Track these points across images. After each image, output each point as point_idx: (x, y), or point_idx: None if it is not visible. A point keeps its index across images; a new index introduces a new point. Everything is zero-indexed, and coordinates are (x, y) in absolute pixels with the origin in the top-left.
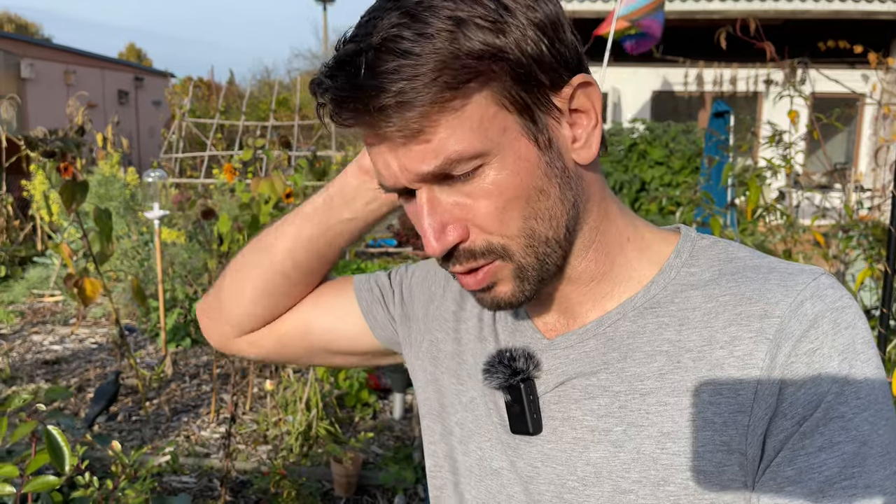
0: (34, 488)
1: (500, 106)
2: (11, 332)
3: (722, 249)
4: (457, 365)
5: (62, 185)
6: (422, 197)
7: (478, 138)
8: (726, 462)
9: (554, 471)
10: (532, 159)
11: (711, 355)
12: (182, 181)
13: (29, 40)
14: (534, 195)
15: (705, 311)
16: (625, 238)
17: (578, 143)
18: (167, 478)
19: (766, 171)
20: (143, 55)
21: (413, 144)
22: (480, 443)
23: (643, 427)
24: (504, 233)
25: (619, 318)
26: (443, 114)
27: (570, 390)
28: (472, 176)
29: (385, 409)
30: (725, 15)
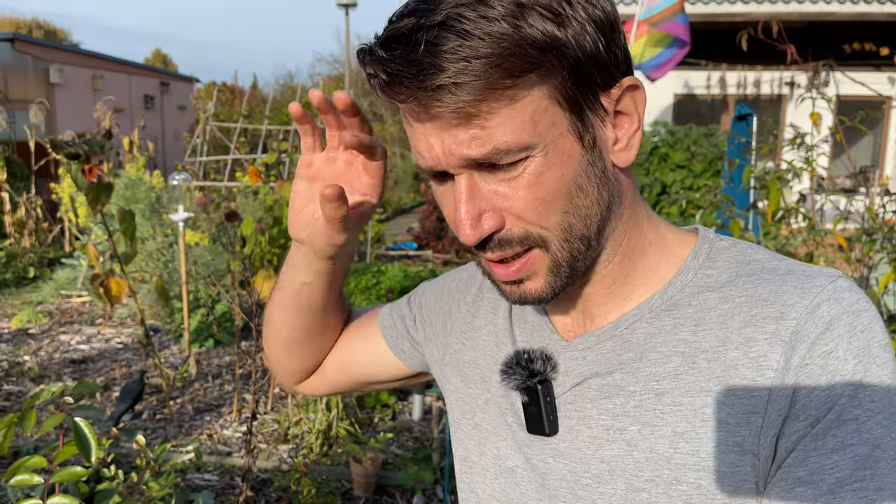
0: (62, 479)
1: (552, 100)
2: (40, 331)
3: (740, 251)
4: (473, 371)
5: (87, 187)
6: (461, 183)
7: (527, 131)
8: (739, 463)
9: (567, 467)
10: (575, 157)
11: (726, 356)
12: (206, 184)
13: (57, 46)
14: (574, 191)
15: (721, 313)
16: (648, 241)
17: (619, 144)
18: (190, 475)
19: (787, 173)
20: (169, 60)
21: (464, 128)
22: (496, 442)
23: (657, 427)
24: (542, 224)
25: (637, 319)
26: (498, 101)
27: (586, 390)
28: (515, 166)
29: (404, 410)
30: (748, 17)
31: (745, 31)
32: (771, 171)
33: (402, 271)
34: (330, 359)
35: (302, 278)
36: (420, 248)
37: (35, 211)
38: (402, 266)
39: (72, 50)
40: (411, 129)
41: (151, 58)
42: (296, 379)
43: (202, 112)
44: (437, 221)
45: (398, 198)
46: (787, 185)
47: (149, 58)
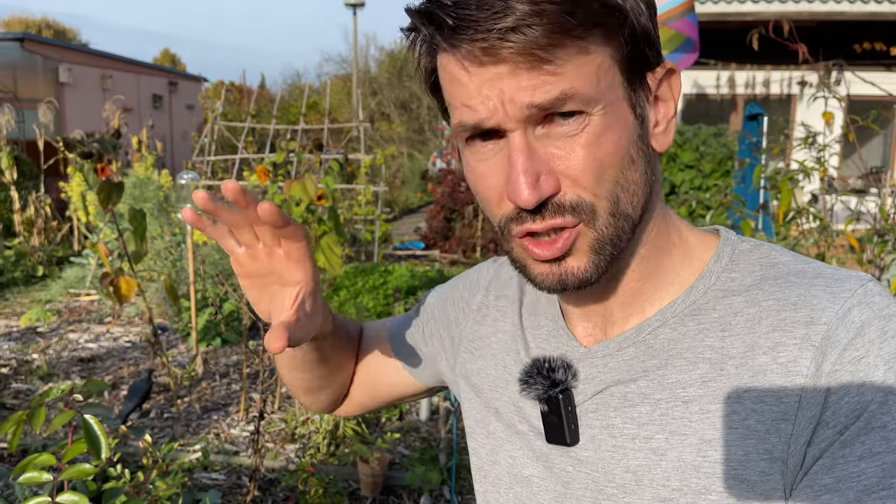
0: (70, 476)
1: (614, 61)
2: (49, 330)
3: (764, 254)
4: (482, 380)
5: (99, 186)
6: (515, 139)
7: (592, 84)
8: (769, 471)
9: (591, 477)
10: (630, 125)
11: (754, 361)
12: (214, 183)
13: (67, 46)
14: (626, 161)
15: (748, 317)
16: (672, 241)
17: (659, 127)
18: (197, 474)
19: (798, 173)
20: (178, 60)
21: (531, 73)
22: (511, 451)
23: (686, 435)
24: (596, 191)
25: (660, 325)
26: (570, 48)
27: (609, 398)
28: (574, 123)
29: (411, 410)
30: (758, 17)
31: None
32: (782, 171)
33: (409, 271)
34: (354, 386)
35: (293, 353)
36: (427, 248)
37: (44, 210)
38: (409, 266)
39: (81, 49)
40: (462, 83)
41: (160, 57)
42: (328, 409)
43: (210, 111)
44: (444, 221)
45: (405, 197)
46: (797, 186)
47: (157, 57)
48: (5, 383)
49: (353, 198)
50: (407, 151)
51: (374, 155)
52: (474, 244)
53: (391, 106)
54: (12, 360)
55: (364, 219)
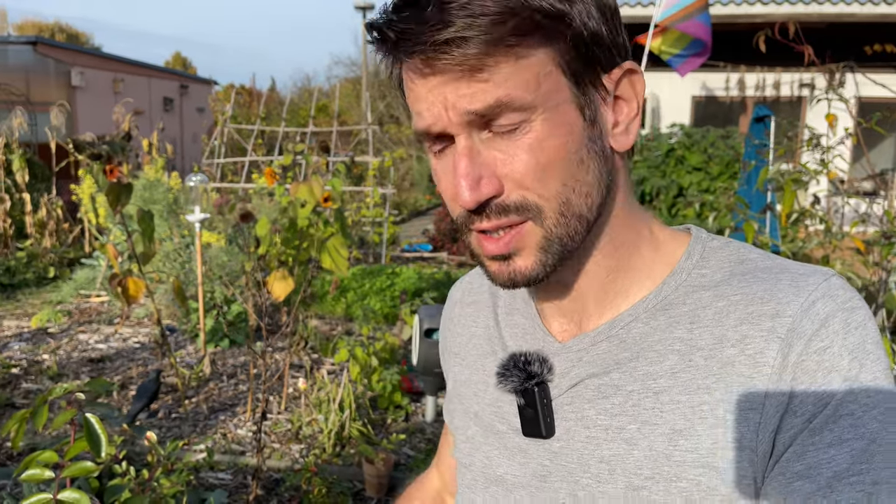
0: (72, 473)
1: (556, 66)
2: (59, 330)
3: (733, 251)
4: (464, 387)
5: (108, 187)
6: (460, 143)
7: (530, 90)
8: (738, 459)
9: (566, 469)
10: (577, 128)
11: (722, 353)
12: (223, 186)
13: (79, 49)
14: (574, 162)
15: (716, 310)
16: (640, 236)
17: (619, 128)
18: (204, 473)
19: (803, 175)
20: (189, 63)
21: (468, 81)
22: (488, 452)
23: (656, 425)
24: (541, 192)
25: (632, 319)
26: (504, 56)
27: (584, 391)
28: (515, 130)
29: (417, 411)
30: (768, 18)
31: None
32: (786, 172)
33: (417, 273)
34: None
35: None
36: (435, 250)
37: (56, 212)
38: (416, 268)
39: (93, 53)
40: (414, 91)
41: (171, 61)
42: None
43: (220, 114)
44: (452, 223)
45: (413, 200)
46: (802, 188)
47: (168, 61)
48: (16, 383)
49: (361, 200)
50: (416, 154)
51: (382, 157)
52: None
53: (400, 108)
54: (23, 360)
55: (372, 221)
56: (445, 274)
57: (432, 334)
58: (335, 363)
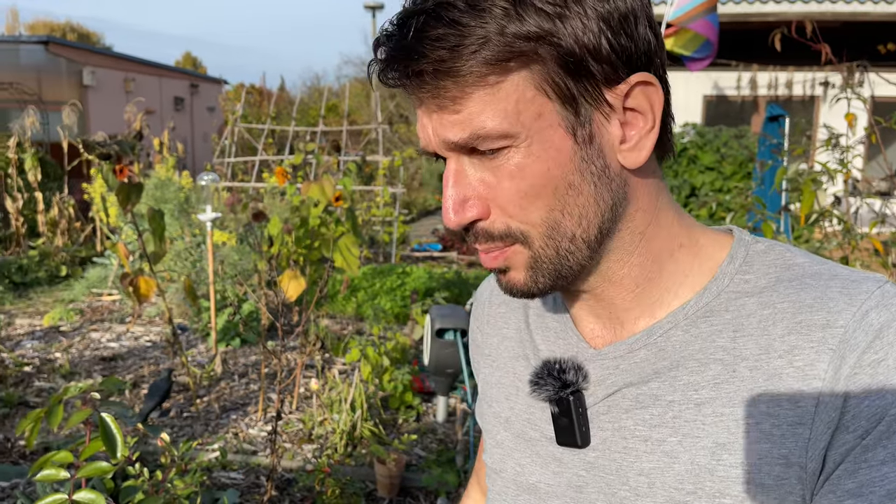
0: (88, 473)
1: (539, 90)
2: (71, 329)
3: (778, 255)
4: (495, 389)
5: (118, 187)
6: (450, 166)
7: (508, 119)
8: (784, 475)
9: (603, 480)
10: (565, 151)
11: (769, 365)
12: (234, 185)
13: (91, 49)
14: (562, 188)
15: (761, 318)
16: (677, 244)
17: (627, 144)
18: (216, 473)
19: (821, 175)
20: (199, 63)
21: (444, 113)
22: (519, 459)
23: (699, 438)
24: (524, 219)
25: (671, 327)
26: (477, 87)
27: (621, 400)
28: (498, 155)
29: (428, 412)
30: (781, 17)
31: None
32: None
33: (427, 272)
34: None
35: None
36: (445, 250)
37: (68, 211)
38: (427, 267)
39: (104, 53)
40: (416, 112)
41: (182, 60)
42: None
43: (230, 114)
44: None
45: (423, 199)
46: (820, 188)
47: (179, 60)
48: (28, 381)
49: (371, 199)
50: None
51: (392, 157)
52: None
53: (410, 108)
54: (35, 358)
55: (382, 220)
56: (456, 273)
57: (444, 334)
58: (346, 363)
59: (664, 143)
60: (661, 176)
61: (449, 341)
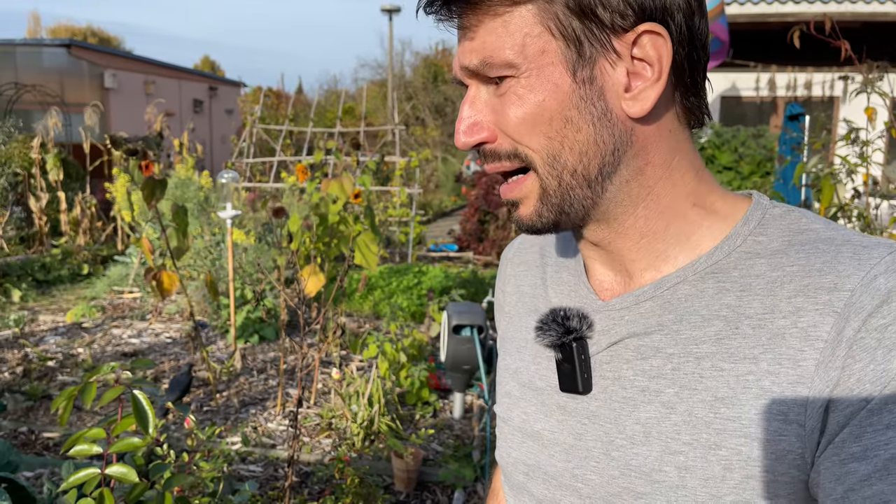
0: (120, 448)
1: (545, 27)
2: (93, 325)
3: (794, 220)
4: (508, 343)
5: (144, 182)
6: (469, 92)
7: (513, 50)
8: (783, 431)
9: (602, 428)
10: (563, 87)
11: (773, 324)
12: (252, 185)
13: (112, 52)
14: (558, 120)
15: (770, 280)
16: (689, 203)
17: (630, 93)
18: (236, 465)
19: (841, 170)
20: (217, 66)
21: (465, 39)
22: (525, 407)
23: (696, 391)
24: (527, 143)
25: (679, 281)
26: (488, 17)
27: (623, 350)
28: (502, 84)
29: (445, 408)
30: (799, 17)
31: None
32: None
33: (443, 272)
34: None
35: None
36: (461, 250)
37: (89, 210)
38: (443, 267)
39: (125, 56)
40: None
41: (199, 63)
42: None
43: (249, 115)
44: (478, 223)
45: (439, 201)
46: (840, 183)
47: (198, 63)
48: (52, 376)
49: (388, 200)
50: (441, 155)
51: (409, 158)
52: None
53: (426, 110)
54: (58, 353)
55: (398, 220)
56: (472, 273)
57: (461, 331)
58: (363, 360)
59: (691, 107)
60: (685, 139)
61: (465, 338)
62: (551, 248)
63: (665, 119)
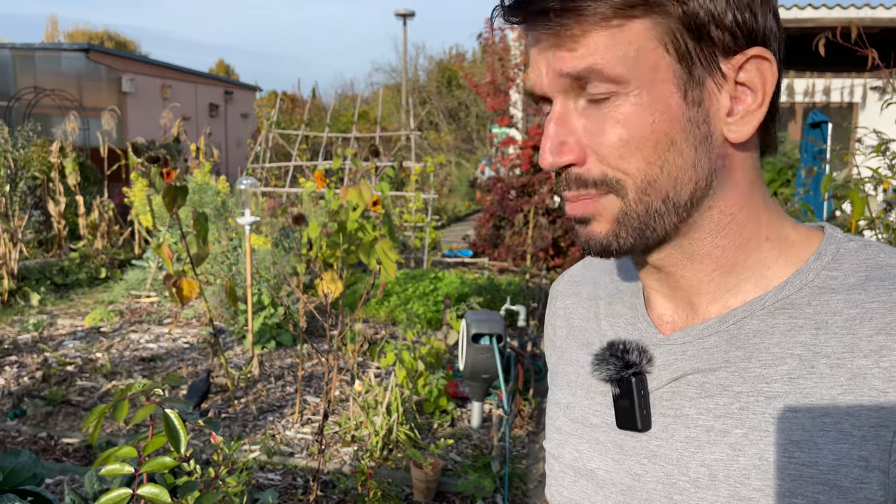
0: (152, 468)
1: (660, 43)
2: (111, 330)
3: (872, 254)
4: (559, 378)
5: (165, 189)
6: (555, 108)
7: (626, 64)
8: (864, 479)
9: (663, 469)
10: (673, 107)
11: (853, 363)
12: (268, 190)
13: (129, 56)
14: (663, 143)
15: (848, 318)
16: (763, 236)
17: (733, 117)
18: (255, 474)
19: (869, 181)
20: (232, 70)
21: (567, 47)
22: (577, 445)
23: (767, 432)
24: (623, 168)
25: (746, 315)
26: (599, 28)
27: (685, 387)
28: (605, 101)
29: (463, 417)
30: (819, 23)
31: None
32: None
33: (459, 278)
34: None
35: None
36: (475, 256)
37: (107, 214)
38: (458, 272)
39: (142, 60)
40: (529, 53)
41: (215, 68)
42: None
43: (265, 120)
44: (493, 229)
45: (453, 205)
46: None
47: (213, 67)
48: (71, 381)
49: (403, 205)
50: (455, 160)
51: (424, 163)
52: (524, 252)
53: (440, 115)
54: (77, 358)
55: (413, 226)
56: (488, 280)
57: (480, 339)
58: (381, 367)
59: (768, 132)
60: (759, 165)
61: (485, 346)
62: (605, 280)
63: (751, 144)
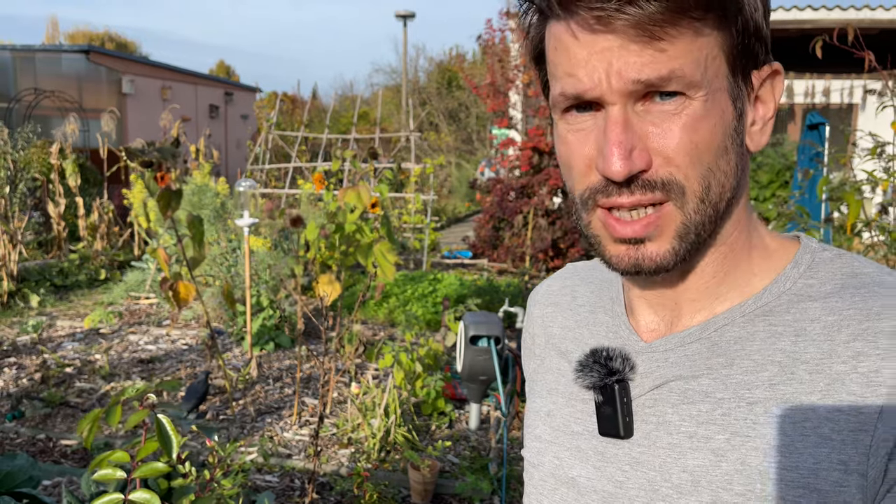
0: (144, 474)
1: (721, 51)
2: (110, 331)
3: (846, 263)
4: (538, 385)
5: (159, 193)
6: (614, 112)
7: (700, 68)
8: (843, 482)
9: (645, 476)
10: (727, 116)
11: (831, 369)
12: (268, 191)
13: (129, 57)
14: (720, 150)
15: (826, 325)
16: (752, 244)
17: (756, 126)
18: (252, 475)
19: (865, 184)
20: (232, 71)
21: (643, 46)
22: (557, 452)
23: (749, 438)
24: (688, 172)
25: (727, 323)
26: (686, 28)
27: (668, 394)
28: (674, 104)
29: (461, 418)
30: (818, 24)
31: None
32: (848, 182)
33: (459, 279)
34: None
35: None
36: (475, 257)
37: (107, 215)
38: (457, 274)
39: (142, 61)
40: (570, 52)
41: (215, 69)
42: None
43: (265, 121)
44: (492, 230)
45: (453, 206)
46: (864, 197)
47: (213, 69)
48: (70, 382)
49: (402, 206)
50: (455, 161)
51: (424, 164)
52: (523, 253)
53: (440, 116)
54: (76, 360)
55: (413, 227)
56: (487, 281)
57: (478, 341)
58: (378, 368)
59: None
60: None
61: (483, 348)
62: (584, 290)
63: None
